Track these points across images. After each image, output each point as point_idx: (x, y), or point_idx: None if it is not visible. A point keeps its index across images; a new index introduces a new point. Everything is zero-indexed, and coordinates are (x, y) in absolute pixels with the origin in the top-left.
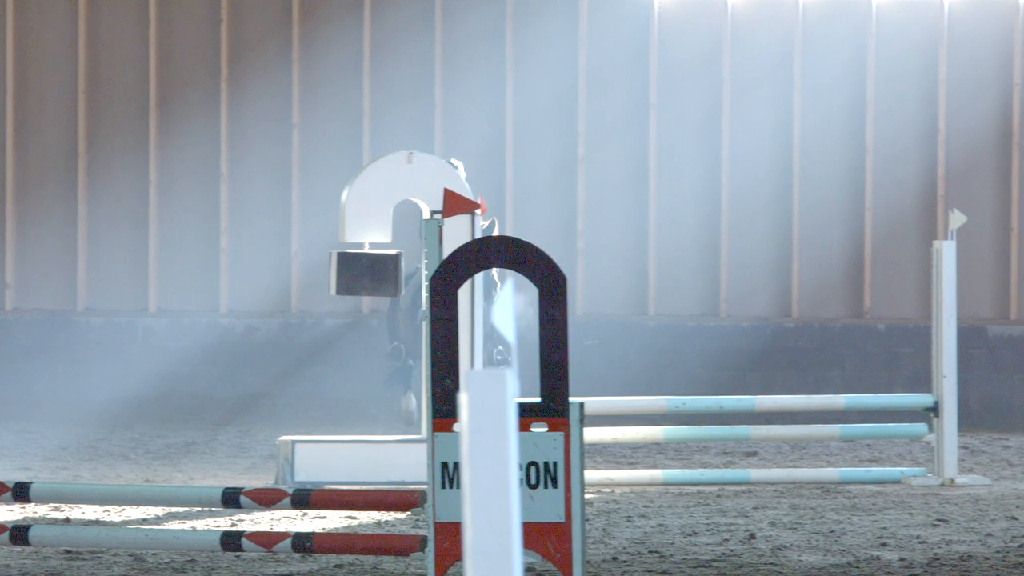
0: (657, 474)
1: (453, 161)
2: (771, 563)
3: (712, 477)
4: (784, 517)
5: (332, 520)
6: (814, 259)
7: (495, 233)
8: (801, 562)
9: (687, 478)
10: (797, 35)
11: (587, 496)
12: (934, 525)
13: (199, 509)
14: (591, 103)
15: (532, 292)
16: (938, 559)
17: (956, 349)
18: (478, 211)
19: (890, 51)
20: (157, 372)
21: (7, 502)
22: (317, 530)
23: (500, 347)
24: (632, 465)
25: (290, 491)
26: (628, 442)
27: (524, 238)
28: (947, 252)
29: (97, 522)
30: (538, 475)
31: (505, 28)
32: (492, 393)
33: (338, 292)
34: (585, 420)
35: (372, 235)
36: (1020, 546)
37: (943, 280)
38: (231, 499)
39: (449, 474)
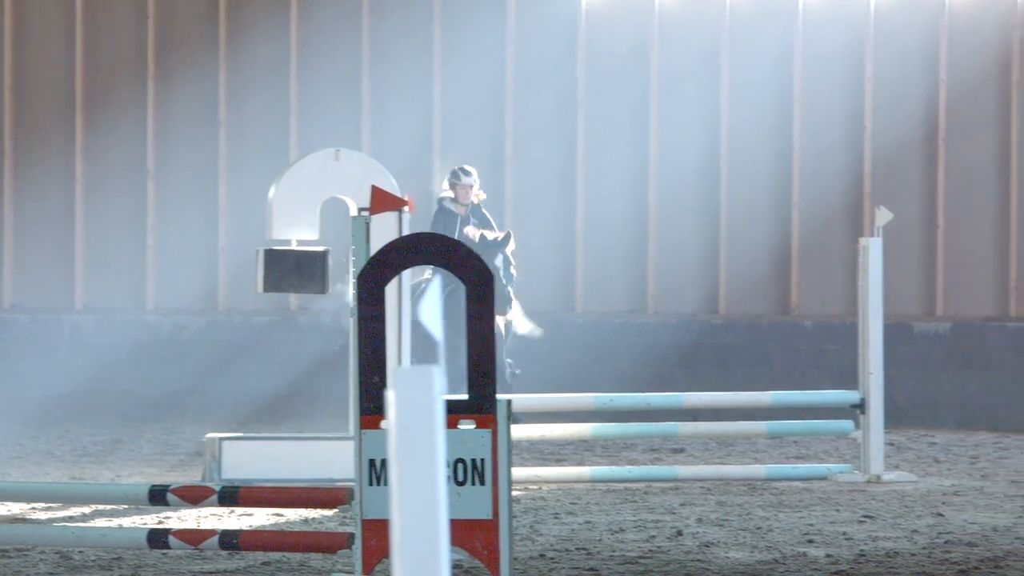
0: (584, 471)
1: (466, 167)
2: (698, 560)
3: (639, 474)
4: (711, 514)
5: (259, 517)
6: (741, 256)
7: (512, 247)
8: (728, 559)
9: (614, 475)
10: (724, 33)
11: (514, 493)
12: (860, 522)
13: (126, 507)
14: (519, 101)
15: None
16: (864, 556)
17: (882, 346)
18: (405, 208)
19: (817, 48)
20: (84, 369)
21: None
22: (244, 527)
23: (510, 360)
24: (560, 462)
25: (217, 488)
26: (556, 439)
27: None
28: (873, 249)
29: (24, 520)
30: (465, 472)
31: (433, 25)
32: (419, 390)
33: (265, 289)
34: (513, 417)
35: (299, 232)
36: (946, 542)
37: (869, 277)
38: (158, 497)
39: (376, 471)
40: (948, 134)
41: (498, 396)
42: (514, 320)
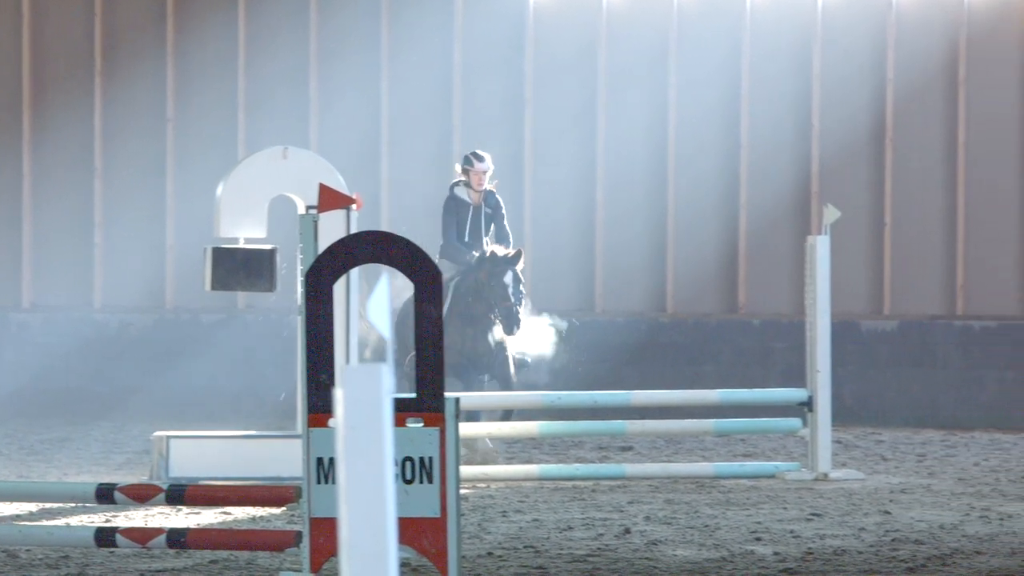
0: (532, 469)
1: (480, 152)
2: (646, 558)
3: (587, 472)
4: (659, 512)
5: (207, 516)
6: (689, 254)
7: (521, 265)
8: (676, 556)
9: (562, 473)
10: (672, 31)
11: (462, 491)
12: (808, 519)
13: (73, 505)
14: (466, 98)
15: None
16: (812, 553)
17: (830, 344)
18: (353, 206)
19: (764, 47)
20: (31, 368)
21: None
22: (192, 526)
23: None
24: (508, 460)
25: (165, 487)
26: (504, 437)
27: (400, 233)
28: (821, 247)
29: None
30: (413, 470)
31: (380, 22)
32: (367, 389)
33: (213, 287)
34: (460, 415)
35: (247, 230)
36: (893, 540)
37: (817, 275)
38: (105, 495)
39: (324, 469)
40: (895, 133)
41: (446, 394)
42: (519, 342)
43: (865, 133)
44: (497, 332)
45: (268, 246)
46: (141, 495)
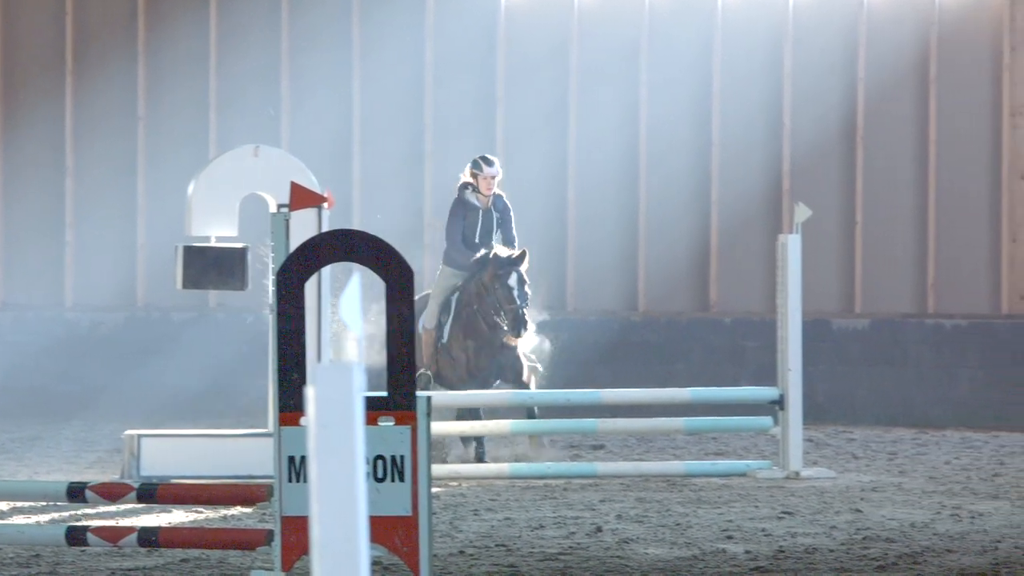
0: (504, 467)
1: (489, 156)
2: (617, 556)
3: (559, 471)
4: (630, 510)
5: (178, 515)
6: (660, 253)
7: (526, 266)
8: (647, 555)
9: (534, 471)
10: (644, 30)
11: (434, 490)
12: (779, 518)
13: (44, 504)
14: (438, 96)
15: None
16: (783, 551)
17: (801, 342)
18: (325, 204)
19: (736, 46)
20: (2, 367)
21: None
22: (163, 524)
23: (532, 356)
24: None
25: (136, 485)
26: (474, 436)
27: (371, 231)
28: (792, 246)
29: None
30: (385, 469)
31: (352, 21)
32: (339, 387)
33: (184, 286)
34: (432, 414)
35: (218, 229)
36: (864, 538)
37: (788, 274)
38: (76, 494)
39: (296, 468)
40: (866, 131)
41: (417, 393)
42: (522, 345)
43: (836, 132)
44: (504, 336)
45: (239, 245)
46: (112, 494)
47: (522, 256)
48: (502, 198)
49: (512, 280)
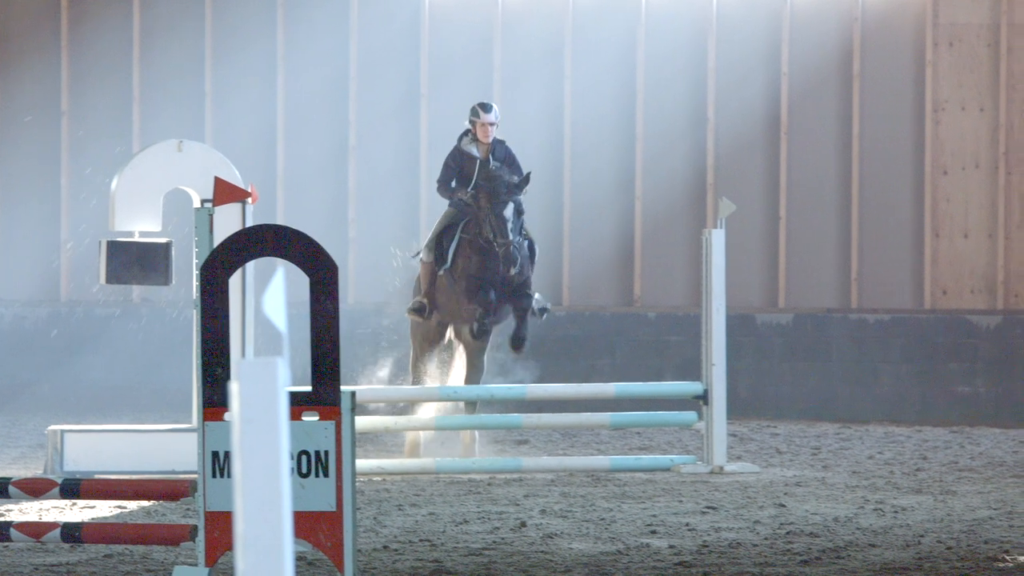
0: (429, 462)
1: (486, 103)
2: (541, 551)
3: (483, 465)
4: (555, 505)
5: (102, 510)
6: (584, 248)
7: (526, 189)
8: (571, 550)
9: (459, 466)
10: (568, 26)
11: (358, 485)
12: (703, 512)
13: None
14: (362, 92)
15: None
16: (707, 546)
17: (725, 337)
18: (249, 199)
19: (660, 41)
20: None
21: None
22: (87, 520)
23: (539, 296)
24: (404, 454)
25: (59, 481)
26: (400, 431)
27: (295, 227)
28: (716, 240)
29: None
30: (309, 464)
31: (276, 16)
32: (263, 382)
33: (108, 280)
34: (357, 408)
35: (142, 224)
36: (788, 533)
37: (712, 268)
38: None
39: (220, 463)
40: (790, 126)
41: (342, 388)
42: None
43: (760, 126)
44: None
45: (163, 239)
46: (35, 489)
47: (523, 182)
48: (503, 144)
49: (508, 211)
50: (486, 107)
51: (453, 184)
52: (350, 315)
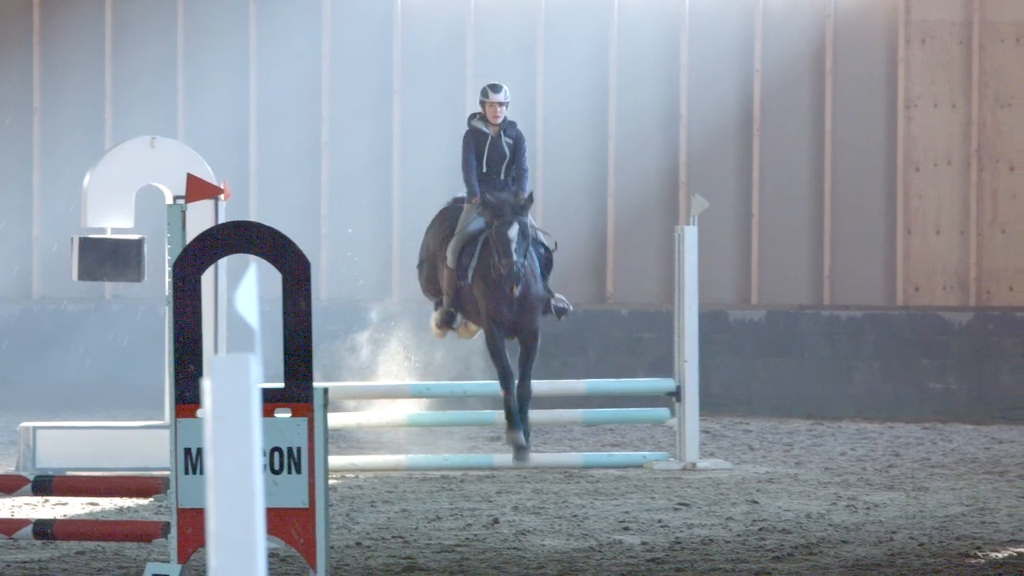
0: (401, 459)
1: (495, 83)
2: (514, 547)
3: (456, 462)
4: (527, 502)
5: (74, 507)
6: (557, 244)
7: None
8: (544, 546)
9: (431, 463)
10: (540, 22)
11: (331, 482)
12: (676, 509)
13: None
14: (335, 89)
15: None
16: (680, 543)
17: (698, 334)
18: (221, 196)
19: (632, 38)
20: None
21: None
22: (59, 517)
23: (561, 297)
24: (376, 450)
25: (31, 477)
26: (372, 427)
27: (268, 223)
28: (689, 237)
29: None
30: (282, 461)
31: (248, 12)
32: (235, 379)
33: (80, 277)
34: (329, 405)
35: (114, 220)
36: (760, 529)
37: (685, 265)
38: None
39: (192, 460)
40: (763, 123)
41: (315, 384)
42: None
43: (733, 123)
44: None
45: (135, 236)
46: (7, 486)
47: (526, 203)
48: (515, 125)
49: (512, 232)
50: (495, 87)
51: (473, 170)
52: (323, 311)
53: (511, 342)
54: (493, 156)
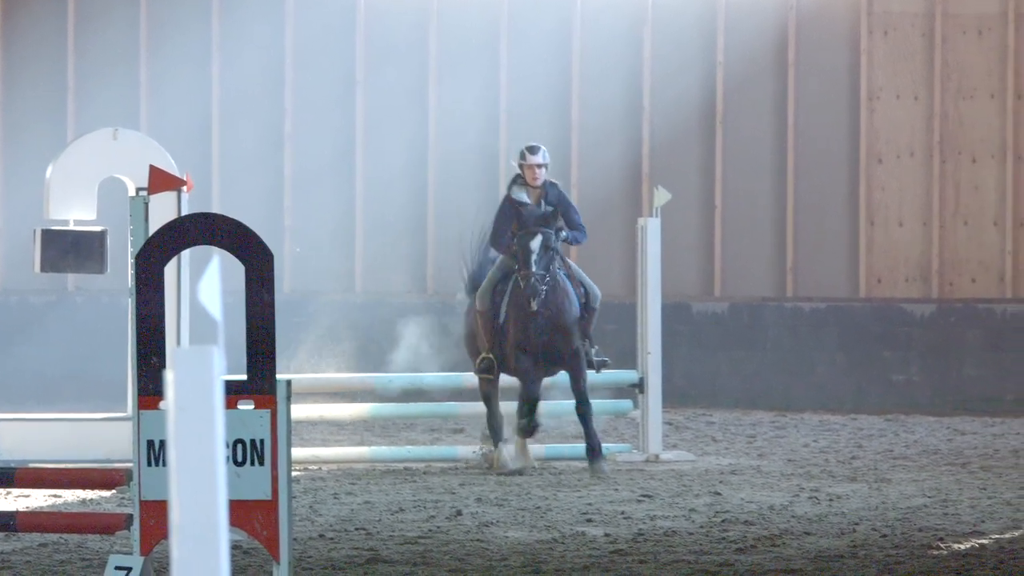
0: (364, 451)
1: (533, 145)
2: (477, 539)
3: (419, 454)
4: (490, 494)
5: (37, 499)
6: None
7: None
8: (507, 538)
9: (394, 455)
10: (503, 14)
11: (294, 473)
12: (639, 501)
13: None
14: (298, 80)
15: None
16: (643, 534)
17: (661, 326)
18: (184, 188)
19: (596, 30)
20: None
21: None
22: (21, 509)
23: (596, 348)
24: (339, 442)
25: None
26: (335, 420)
27: (231, 215)
28: (651, 229)
29: None
30: (244, 453)
31: (211, 3)
32: (198, 371)
33: (43, 269)
34: (292, 397)
35: (77, 212)
36: (723, 521)
37: (648, 257)
38: None
39: (155, 452)
40: (726, 115)
41: (278, 376)
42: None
43: (696, 115)
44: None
45: (98, 228)
46: None
47: (553, 216)
48: (556, 187)
49: (535, 243)
50: (533, 149)
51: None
52: (286, 303)
53: (553, 378)
54: (531, 224)
